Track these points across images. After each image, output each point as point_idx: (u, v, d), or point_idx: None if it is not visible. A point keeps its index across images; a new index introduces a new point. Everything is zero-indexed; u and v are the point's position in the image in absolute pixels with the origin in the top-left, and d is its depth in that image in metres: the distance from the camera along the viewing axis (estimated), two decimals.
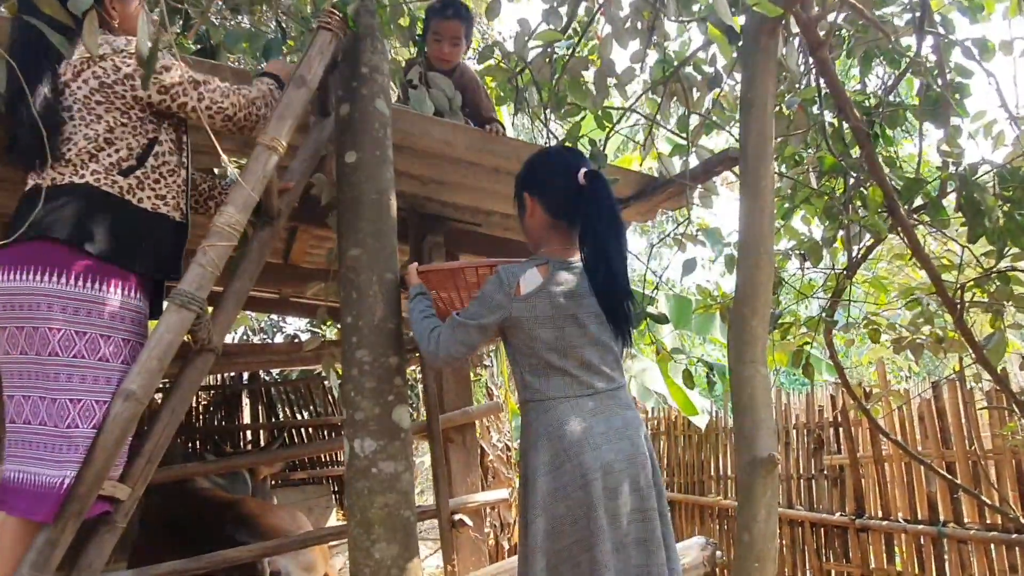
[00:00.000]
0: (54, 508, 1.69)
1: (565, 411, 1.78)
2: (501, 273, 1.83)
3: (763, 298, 1.76)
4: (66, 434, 1.72)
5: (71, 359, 1.76)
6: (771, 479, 1.57)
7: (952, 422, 3.80)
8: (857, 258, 3.08)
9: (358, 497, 1.99)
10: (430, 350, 1.86)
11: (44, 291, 1.74)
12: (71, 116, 1.83)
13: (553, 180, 1.92)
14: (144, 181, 1.91)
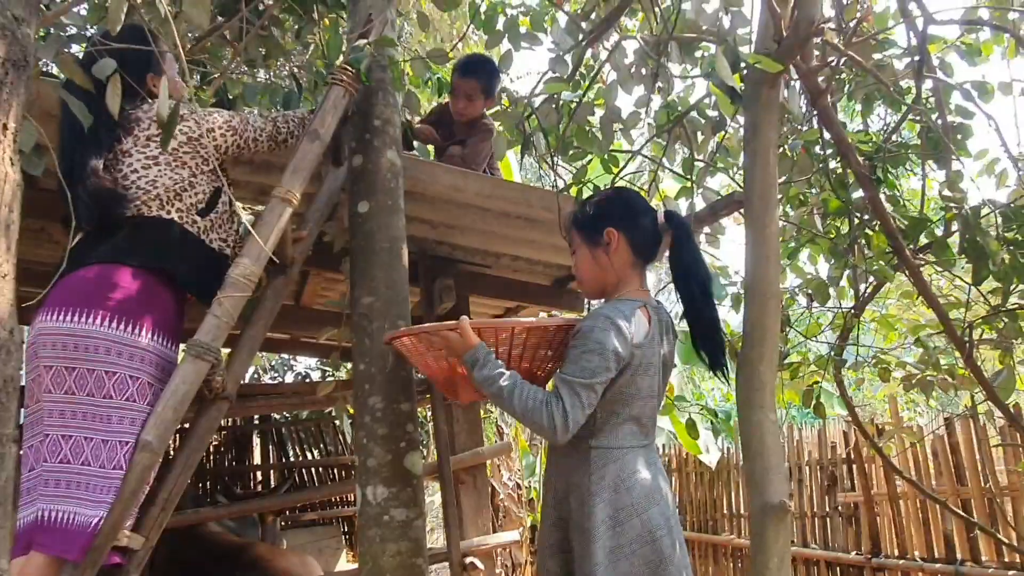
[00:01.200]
0: (86, 547, 1.71)
1: (632, 462, 1.70)
2: (613, 318, 1.68)
3: (770, 343, 1.78)
4: (109, 475, 1.74)
5: (124, 402, 1.79)
6: (783, 525, 1.58)
7: (966, 458, 3.77)
8: (864, 296, 3.09)
9: (370, 545, 2.00)
10: (556, 425, 1.59)
11: (102, 335, 1.79)
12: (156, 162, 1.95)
13: (642, 219, 1.86)
14: (215, 223, 2.05)
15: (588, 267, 1.88)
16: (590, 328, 1.68)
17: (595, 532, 1.63)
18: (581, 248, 1.89)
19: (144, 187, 1.93)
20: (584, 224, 1.89)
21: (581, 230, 1.90)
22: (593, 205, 1.92)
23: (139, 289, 1.87)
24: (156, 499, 2.02)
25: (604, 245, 1.84)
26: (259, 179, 2.66)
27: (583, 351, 1.65)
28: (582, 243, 1.89)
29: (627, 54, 2.92)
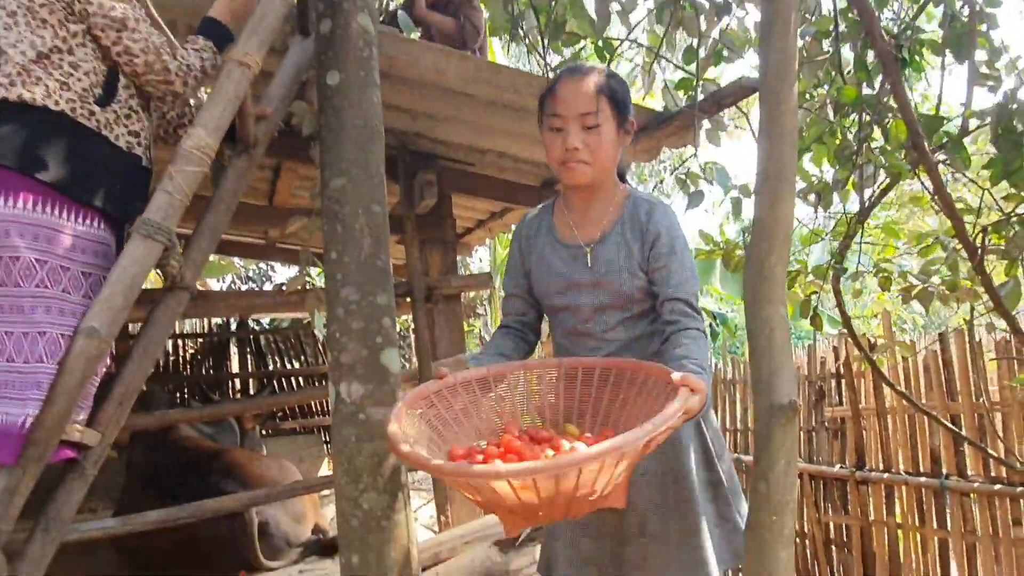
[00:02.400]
0: (17, 449, 1.56)
1: None
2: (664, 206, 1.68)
3: (783, 234, 1.61)
4: (31, 370, 1.58)
5: (35, 288, 1.61)
6: (791, 426, 1.45)
7: (959, 374, 3.70)
8: (870, 201, 2.93)
9: (344, 445, 1.86)
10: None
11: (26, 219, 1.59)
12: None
13: None
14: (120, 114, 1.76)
15: (611, 149, 1.63)
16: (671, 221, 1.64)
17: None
18: (609, 125, 1.61)
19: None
20: (618, 100, 1.63)
21: (615, 107, 1.62)
22: (622, 85, 1.67)
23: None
24: (112, 395, 1.87)
25: (627, 131, 1.67)
26: None
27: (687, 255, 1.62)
28: (612, 120, 1.62)
29: None
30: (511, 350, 1.79)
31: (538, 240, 1.79)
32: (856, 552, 4.20)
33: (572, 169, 1.61)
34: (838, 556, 4.39)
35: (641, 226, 1.65)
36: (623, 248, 1.67)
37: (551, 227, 1.78)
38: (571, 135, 1.59)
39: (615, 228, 1.69)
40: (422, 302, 3.34)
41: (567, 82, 1.62)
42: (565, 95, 1.60)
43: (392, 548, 1.78)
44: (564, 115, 1.60)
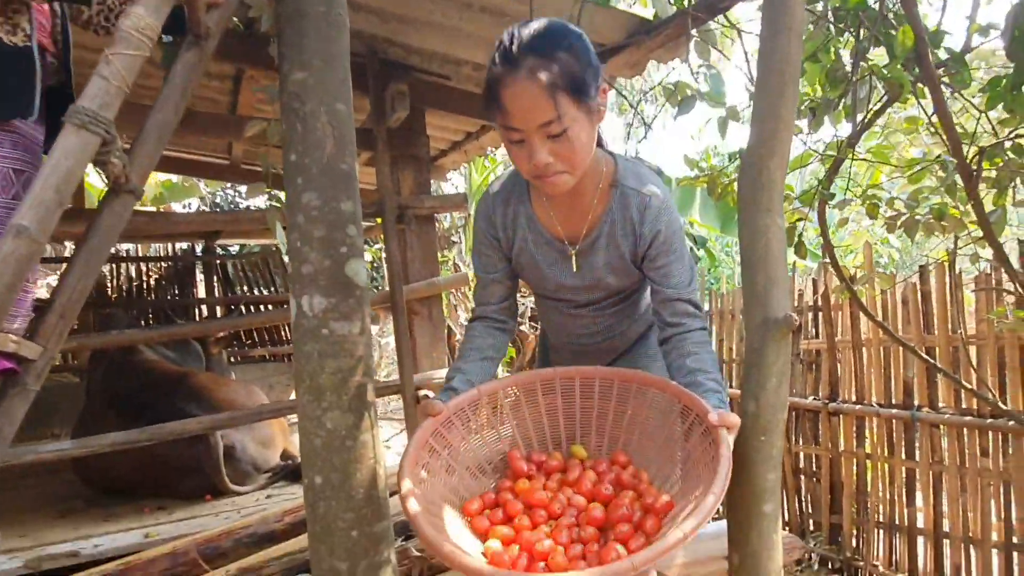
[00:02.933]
0: None
1: None
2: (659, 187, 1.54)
3: (784, 135, 1.48)
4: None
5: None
6: (785, 343, 1.36)
7: (937, 307, 3.67)
8: (863, 123, 2.82)
9: (307, 361, 1.74)
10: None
11: None
12: None
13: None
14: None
15: (587, 143, 1.36)
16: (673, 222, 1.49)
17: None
18: (579, 122, 1.31)
19: None
20: (581, 83, 1.29)
21: (580, 93, 1.30)
22: (579, 49, 1.31)
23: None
24: (54, 306, 1.73)
25: (600, 105, 1.37)
26: None
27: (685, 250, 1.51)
28: (580, 113, 1.31)
29: None
30: (493, 351, 1.65)
31: (518, 228, 1.60)
32: (824, 481, 4.26)
33: (547, 183, 1.38)
34: (806, 485, 4.45)
35: (633, 226, 1.50)
36: (612, 249, 1.54)
37: (531, 217, 1.59)
38: (536, 150, 1.32)
39: (602, 226, 1.53)
40: (393, 223, 3.19)
41: (510, 85, 1.29)
42: (513, 106, 1.30)
43: (358, 468, 1.68)
44: (521, 128, 1.32)
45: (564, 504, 1.34)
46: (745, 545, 1.32)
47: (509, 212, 1.60)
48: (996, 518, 3.45)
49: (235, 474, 3.64)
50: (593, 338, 1.75)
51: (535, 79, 1.26)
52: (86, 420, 3.81)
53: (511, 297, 1.70)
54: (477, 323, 1.69)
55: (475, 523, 1.36)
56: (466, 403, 1.49)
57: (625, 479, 1.38)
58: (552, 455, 1.51)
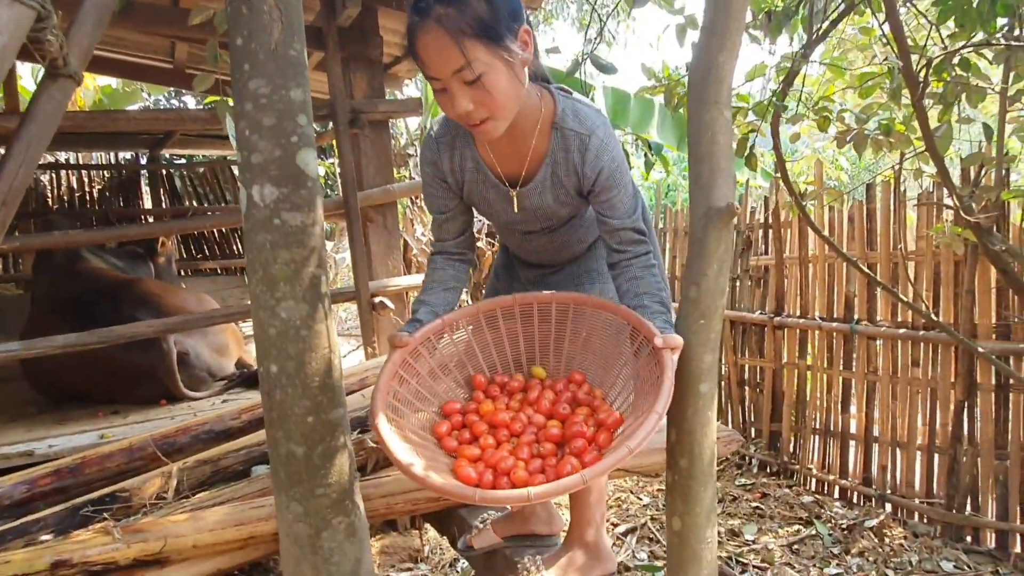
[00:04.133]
0: None
1: None
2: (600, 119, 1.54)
3: (734, 28, 1.49)
4: None
5: None
6: (727, 231, 1.40)
7: (881, 224, 3.80)
8: (819, 33, 2.83)
9: (259, 252, 1.73)
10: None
11: None
12: None
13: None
14: None
15: (510, 85, 1.34)
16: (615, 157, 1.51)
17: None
18: (494, 67, 1.31)
19: None
20: (493, 27, 1.29)
21: (492, 37, 1.29)
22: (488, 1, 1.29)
23: None
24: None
25: (521, 48, 1.35)
26: None
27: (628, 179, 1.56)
28: (495, 58, 1.30)
29: None
30: (455, 280, 1.71)
31: (466, 172, 1.61)
32: (767, 392, 4.46)
33: (477, 131, 1.40)
34: (750, 396, 4.66)
35: (575, 166, 1.51)
36: (557, 188, 1.57)
37: (477, 159, 1.59)
38: (457, 97, 1.34)
39: (544, 168, 1.54)
40: (346, 127, 3.12)
41: (422, 35, 1.31)
42: (427, 55, 1.32)
43: (312, 357, 1.71)
44: (438, 77, 1.34)
45: (525, 423, 1.47)
46: (682, 422, 1.40)
47: (456, 156, 1.62)
48: (922, 423, 3.69)
49: (190, 380, 3.65)
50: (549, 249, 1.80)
51: (442, 26, 1.27)
52: (33, 328, 3.75)
53: (467, 230, 1.73)
54: (437, 257, 1.74)
55: (445, 443, 1.47)
56: (431, 333, 1.56)
57: (581, 397, 1.51)
58: (514, 377, 1.63)
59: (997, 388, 3.39)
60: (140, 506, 2.06)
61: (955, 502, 3.51)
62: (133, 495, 2.09)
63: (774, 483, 4.27)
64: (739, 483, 4.31)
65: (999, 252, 2.89)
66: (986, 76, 2.86)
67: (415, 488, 2.06)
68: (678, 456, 1.42)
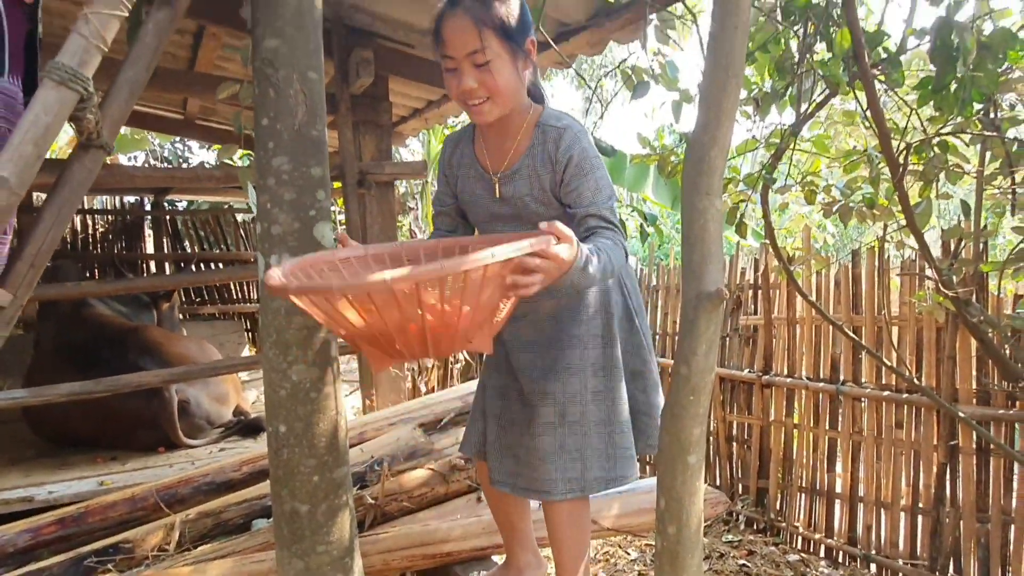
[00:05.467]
0: None
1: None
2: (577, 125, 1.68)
3: (726, 126, 1.62)
4: None
5: None
6: (716, 314, 1.51)
7: (866, 289, 3.93)
8: (805, 114, 2.99)
9: (274, 317, 1.84)
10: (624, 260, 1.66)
11: None
12: None
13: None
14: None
15: (509, 80, 1.58)
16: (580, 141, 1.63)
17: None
18: (501, 58, 1.55)
19: None
20: (508, 29, 1.55)
21: (507, 35, 1.55)
22: (508, 5, 1.56)
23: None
24: (23, 254, 1.78)
25: (525, 55, 1.61)
26: None
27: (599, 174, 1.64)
28: (504, 51, 1.55)
29: None
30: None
31: (462, 166, 1.82)
32: (754, 448, 4.53)
33: (474, 110, 1.60)
34: (738, 452, 4.73)
35: (550, 155, 1.66)
36: (533, 179, 1.70)
37: (471, 154, 1.80)
38: (464, 76, 1.55)
39: (524, 159, 1.70)
40: (354, 187, 3.26)
41: (448, 19, 1.54)
42: (448, 35, 1.54)
43: (321, 418, 1.80)
44: (453, 56, 1.55)
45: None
46: (671, 490, 1.49)
47: (457, 152, 1.83)
48: (905, 484, 3.76)
49: (189, 428, 3.70)
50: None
51: (468, 14, 1.51)
52: (37, 372, 3.80)
53: (456, 230, 1.91)
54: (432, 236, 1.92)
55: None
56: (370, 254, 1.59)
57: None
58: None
59: (978, 452, 3.47)
60: (143, 558, 2.11)
61: (938, 564, 3.56)
62: (136, 546, 2.14)
63: (761, 540, 4.31)
64: (726, 539, 4.35)
65: (977, 323, 3.01)
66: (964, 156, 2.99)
67: (412, 545, 2.12)
68: (667, 523, 1.51)
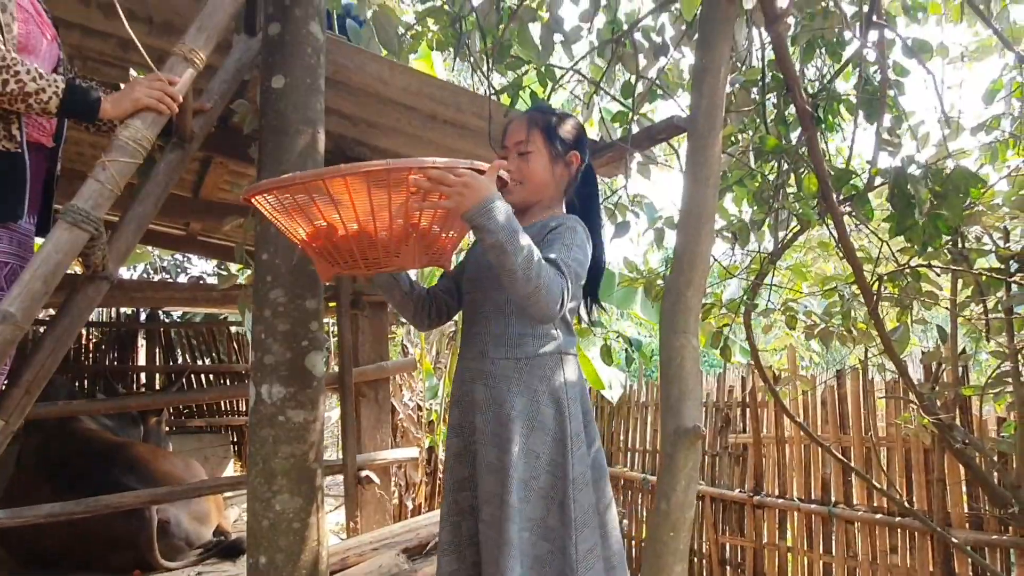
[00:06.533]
0: None
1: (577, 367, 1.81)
2: (581, 226, 1.76)
3: (700, 269, 1.73)
4: None
5: None
6: (694, 450, 1.55)
7: (852, 409, 3.96)
8: (782, 243, 3.12)
9: (262, 445, 1.86)
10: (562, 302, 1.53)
11: None
12: None
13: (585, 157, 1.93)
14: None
15: (542, 176, 1.81)
16: (574, 227, 1.72)
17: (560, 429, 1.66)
18: (541, 152, 1.81)
19: None
20: (554, 133, 1.83)
21: (549, 138, 1.82)
22: (567, 122, 1.88)
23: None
24: (20, 381, 1.82)
25: (566, 163, 1.85)
26: (158, 42, 2.36)
27: (574, 243, 1.67)
28: (544, 149, 1.81)
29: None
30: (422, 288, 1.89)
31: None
32: (748, 572, 4.42)
33: (507, 189, 1.77)
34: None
35: (544, 227, 1.75)
36: None
37: None
38: (509, 160, 1.80)
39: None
40: (348, 308, 3.34)
41: (513, 121, 1.88)
42: (509, 131, 1.86)
43: (302, 550, 1.79)
44: (507, 145, 1.84)
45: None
46: None
47: None
48: None
49: (167, 549, 3.60)
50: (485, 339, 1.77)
51: (526, 116, 1.85)
52: (17, 488, 3.74)
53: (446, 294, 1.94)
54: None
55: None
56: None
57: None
58: None
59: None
60: None
61: None
62: None
63: None
64: None
65: (963, 447, 3.03)
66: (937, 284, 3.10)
67: None
68: None
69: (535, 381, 1.68)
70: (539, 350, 1.71)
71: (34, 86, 1.59)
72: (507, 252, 1.43)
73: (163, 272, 8.72)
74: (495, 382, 1.70)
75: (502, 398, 1.67)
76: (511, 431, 1.64)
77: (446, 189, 1.37)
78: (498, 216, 1.42)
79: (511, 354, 1.70)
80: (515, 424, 1.64)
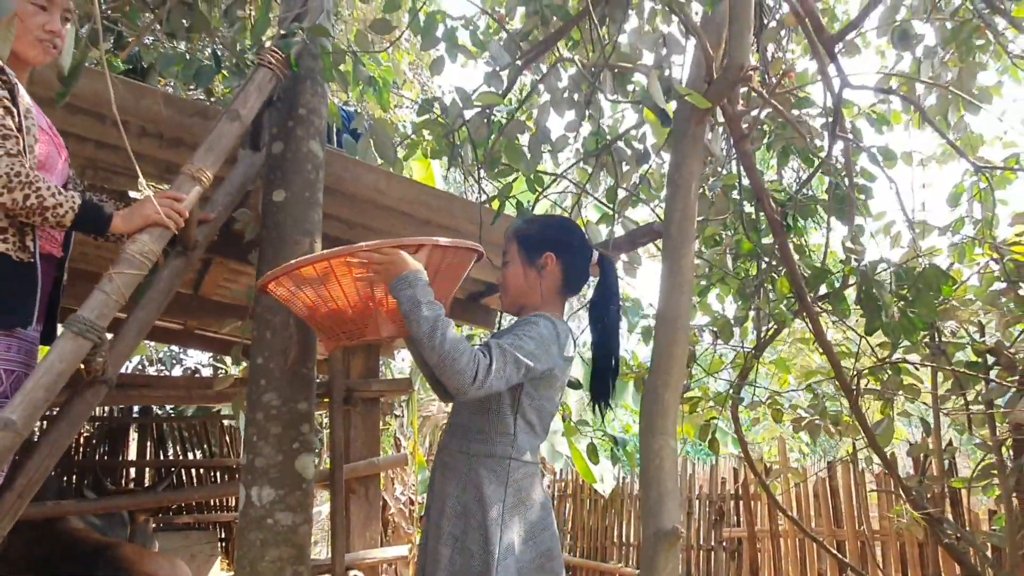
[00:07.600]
0: None
1: (534, 478, 1.76)
2: (556, 324, 1.77)
3: (677, 372, 1.81)
4: None
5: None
6: (673, 551, 1.58)
7: (844, 502, 3.96)
8: (765, 338, 3.21)
9: (249, 548, 1.89)
10: (475, 374, 1.51)
11: None
12: None
13: (580, 254, 1.94)
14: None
15: (517, 283, 1.90)
16: (536, 321, 1.75)
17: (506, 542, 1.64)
18: (515, 262, 1.90)
19: None
20: (526, 241, 1.91)
21: (521, 246, 1.91)
22: (539, 226, 1.96)
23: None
24: (13, 485, 1.85)
25: (539, 267, 1.88)
26: (167, 155, 2.52)
27: (525, 333, 1.69)
28: (517, 257, 1.90)
29: (562, 78, 2.96)
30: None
31: None
32: None
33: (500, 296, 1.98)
34: None
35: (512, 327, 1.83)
36: None
37: None
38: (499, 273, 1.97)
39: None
40: (340, 404, 3.37)
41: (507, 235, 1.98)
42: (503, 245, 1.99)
43: None
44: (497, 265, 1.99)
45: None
46: None
47: None
48: None
49: None
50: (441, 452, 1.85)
51: (509, 229, 1.97)
52: None
53: None
54: None
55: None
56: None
57: None
58: None
59: None
60: None
61: None
62: None
63: None
64: None
65: (955, 541, 3.02)
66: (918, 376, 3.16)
67: None
68: None
69: (479, 480, 1.69)
70: (491, 450, 1.72)
71: (52, 201, 1.70)
72: (411, 321, 1.55)
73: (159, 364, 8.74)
74: (448, 473, 1.77)
75: (447, 491, 1.74)
76: (446, 526, 1.70)
77: (373, 267, 1.61)
78: (406, 290, 1.55)
79: (465, 448, 1.76)
80: (451, 520, 1.70)
